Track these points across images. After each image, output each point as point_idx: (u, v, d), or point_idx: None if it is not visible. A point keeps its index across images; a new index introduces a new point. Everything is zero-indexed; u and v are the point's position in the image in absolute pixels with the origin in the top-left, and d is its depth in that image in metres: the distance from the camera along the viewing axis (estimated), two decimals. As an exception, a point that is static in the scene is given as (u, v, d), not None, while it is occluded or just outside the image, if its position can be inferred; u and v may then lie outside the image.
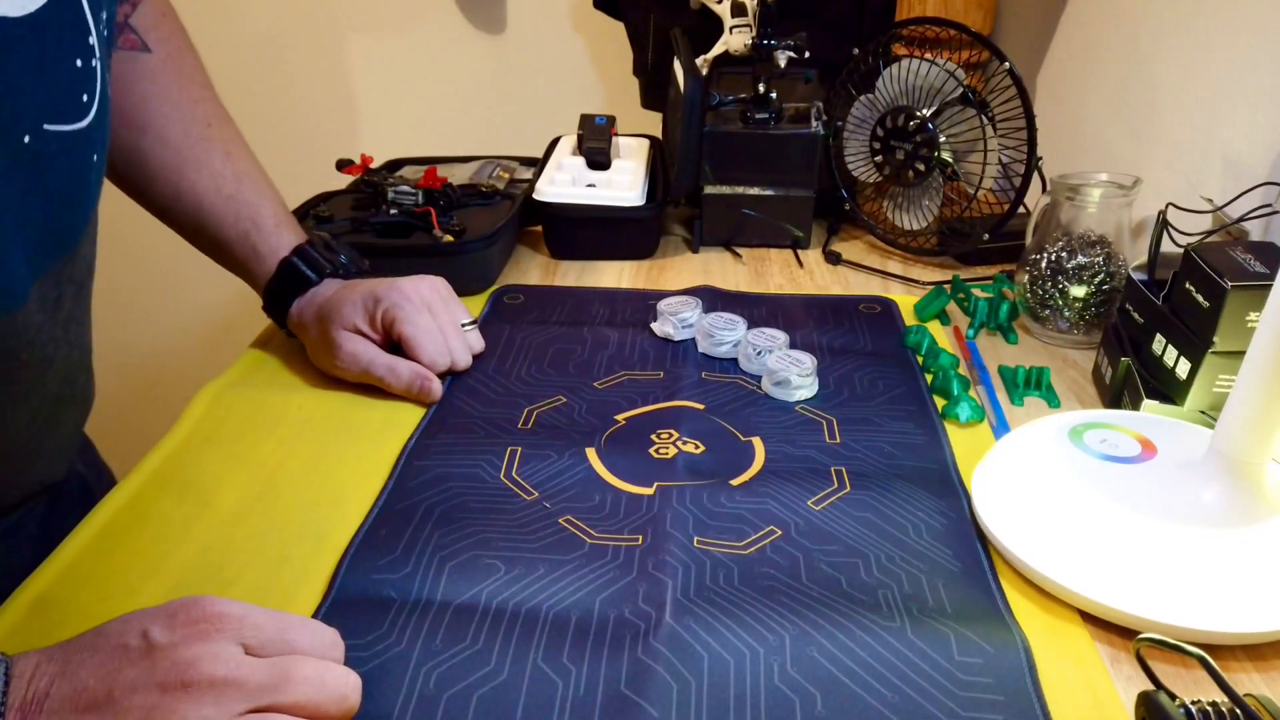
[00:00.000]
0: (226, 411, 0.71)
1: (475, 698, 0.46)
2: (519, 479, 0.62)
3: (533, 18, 1.51)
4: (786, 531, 0.57)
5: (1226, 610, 0.49)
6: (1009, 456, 0.62)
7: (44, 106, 0.46)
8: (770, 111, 0.97)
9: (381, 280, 0.72)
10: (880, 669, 0.47)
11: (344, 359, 0.70)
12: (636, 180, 0.97)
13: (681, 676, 0.47)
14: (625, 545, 0.56)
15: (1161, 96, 0.88)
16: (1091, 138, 1.01)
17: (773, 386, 0.72)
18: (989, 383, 0.74)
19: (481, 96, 1.57)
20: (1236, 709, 0.40)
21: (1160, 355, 0.67)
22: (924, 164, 0.92)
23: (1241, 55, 0.76)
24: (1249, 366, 0.52)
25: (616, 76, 1.45)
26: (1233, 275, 0.61)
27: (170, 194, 0.70)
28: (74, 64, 0.48)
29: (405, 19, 1.53)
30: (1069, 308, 0.79)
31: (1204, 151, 0.81)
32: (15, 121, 0.44)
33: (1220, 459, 0.55)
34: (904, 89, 0.92)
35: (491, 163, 1.06)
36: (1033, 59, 1.12)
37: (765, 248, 1.00)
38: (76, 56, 0.48)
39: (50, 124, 0.46)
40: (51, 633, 0.51)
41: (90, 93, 0.50)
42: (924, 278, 0.93)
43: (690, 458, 0.64)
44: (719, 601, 0.52)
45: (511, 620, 0.50)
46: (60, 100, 0.47)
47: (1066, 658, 0.49)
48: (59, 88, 0.47)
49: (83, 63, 0.48)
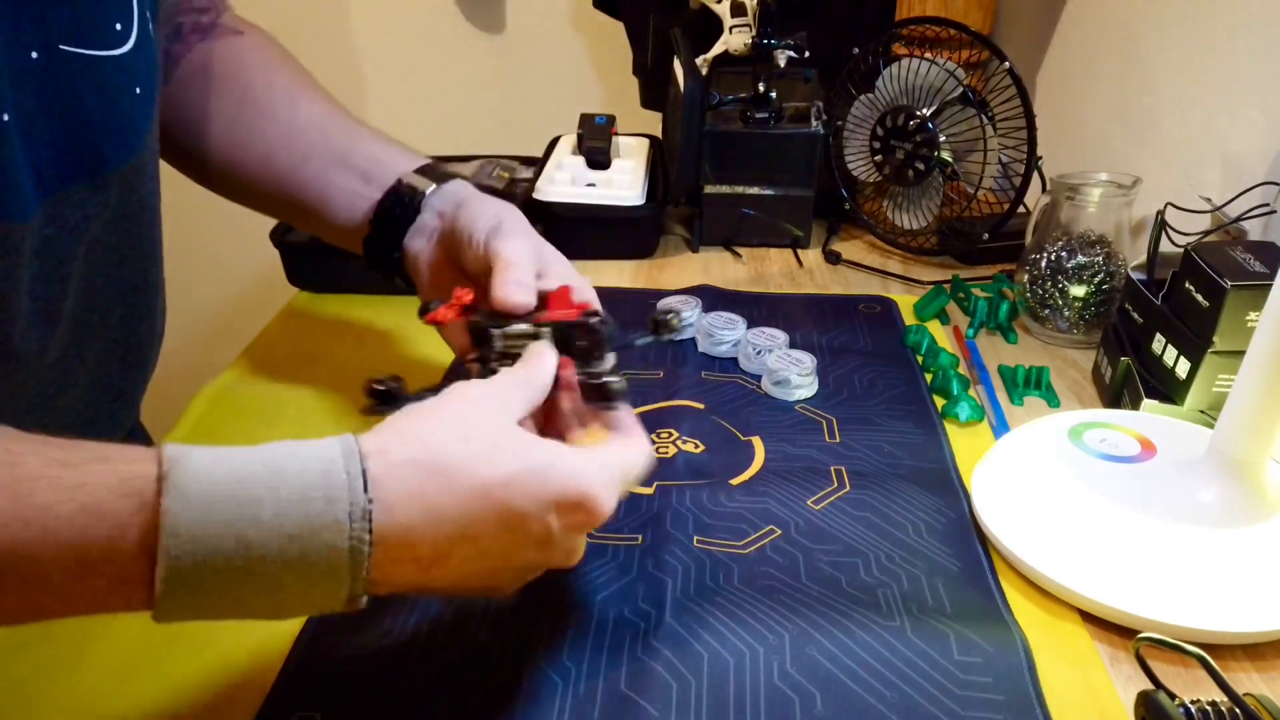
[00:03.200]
0: (226, 411, 0.71)
1: (475, 697, 0.46)
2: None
3: (533, 18, 1.51)
4: (786, 531, 0.57)
5: (1226, 610, 0.49)
6: (1009, 456, 0.62)
7: (60, 28, 0.47)
8: (770, 111, 0.97)
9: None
10: (880, 668, 0.47)
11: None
12: (636, 180, 0.97)
13: (681, 676, 0.47)
14: (625, 545, 0.56)
15: (1161, 96, 0.88)
16: (1091, 138, 1.01)
17: (772, 386, 0.72)
18: (989, 382, 0.74)
19: (481, 96, 1.57)
20: (1236, 709, 0.40)
21: (1160, 355, 0.67)
22: (924, 163, 0.92)
23: (1241, 55, 0.76)
24: (1249, 366, 0.52)
25: (616, 76, 1.45)
26: (1232, 275, 0.61)
27: (285, 123, 0.65)
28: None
29: (405, 19, 1.53)
30: (1069, 307, 0.79)
31: (1203, 151, 0.81)
32: (18, 36, 0.45)
33: (1220, 458, 0.55)
34: (904, 88, 0.92)
35: (491, 162, 1.06)
36: (1033, 59, 1.12)
37: (765, 247, 1.00)
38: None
39: (68, 45, 0.47)
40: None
41: (125, 22, 0.51)
42: (924, 277, 0.93)
43: (690, 457, 0.64)
44: (719, 601, 0.52)
45: (511, 619, 0.50)
46: (81, 24, 0.48)
47: (1066, 657, 0.49)
48: (78, 11, 0.48)
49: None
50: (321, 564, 0.36)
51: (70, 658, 0.49)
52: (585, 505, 0.41)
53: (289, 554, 0.35)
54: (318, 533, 0.36)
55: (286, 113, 0.65)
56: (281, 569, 0.36)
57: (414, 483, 0.38)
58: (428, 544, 0.38)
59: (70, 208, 0.50)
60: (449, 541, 0.39)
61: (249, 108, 0.65)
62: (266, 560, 0.35)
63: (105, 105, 0.50)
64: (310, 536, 0.36)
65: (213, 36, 0.66)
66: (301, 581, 0.36)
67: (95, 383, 0.58)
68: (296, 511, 0.36)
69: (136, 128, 0.53)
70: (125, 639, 0.50)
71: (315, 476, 0.36)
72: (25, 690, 0.48)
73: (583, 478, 0.41)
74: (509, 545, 0.41)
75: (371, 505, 0.37)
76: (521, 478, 0.40)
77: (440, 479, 0.39)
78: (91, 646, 0.50)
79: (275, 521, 0.35)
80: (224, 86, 0.65)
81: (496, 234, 0.55)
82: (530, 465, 0.40)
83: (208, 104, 0.64)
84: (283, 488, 0.36)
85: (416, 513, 0.38)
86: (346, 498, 0.36)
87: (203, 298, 1.74)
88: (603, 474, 0.42)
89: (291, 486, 0.36)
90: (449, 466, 0.39)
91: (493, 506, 0.39)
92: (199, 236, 1.65)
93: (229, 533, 0.35)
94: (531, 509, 0.40)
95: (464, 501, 0.39)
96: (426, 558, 0.39)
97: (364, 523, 0.36)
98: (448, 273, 0.60)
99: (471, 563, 0.40)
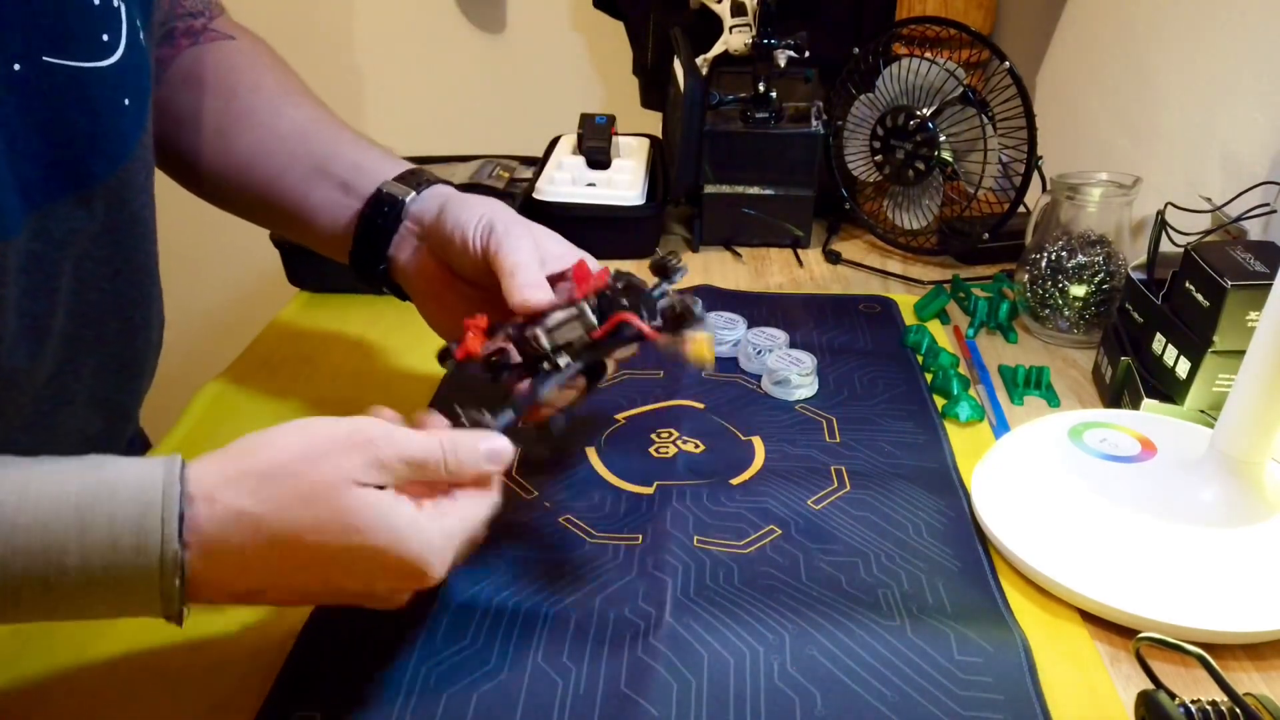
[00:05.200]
0: (226, 412, 0.71)
1: (475, 696, 0.46)
2: (519, 478, 0.62)
3: (533, 17, 1.51)
4: (786, 531, 0.57)
5: (1226, 609, 0.49)
6: (1009, 456, 0.62)
7: (44, 39, 0.46)
8: (770, 111, 0.97)
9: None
10: (880, 668, 0.47)
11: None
12: (636, 179, 0.97)
13: (681, 675, 0.47)
14: (625, 544, 0.56)
15: (1161, 96, 0.88)
16: (1091, 137, 1.01)
17: (773, 386, 0.72)
18: (989, 382, 0.74)
19: (481, 96, 1.57)
20: (1236, 708, 0.40)
21: (1160, 355, 0.67)
22: (924, 163, 0.92)
23: (1241, 55, 0.76)
24: (1249, 366, 0.52)
25: (616, 76, 1.45)
26: (1233, 274, 0.61)
27: (268, 130, 0.64)
28: (88, 1, 0.48)
29: (405, 18, 1.53)
30: (1069, 307, 0.79)
31: (1203, 151, 0.81)
32: (1, 48, 0.45)
33: (1220, 458, 0.55)
34: (904, 88, 0.92)
35: (491, 162, 1.06)
36: (1033, 59, 1.12)
37: (765, 247, 1.00)
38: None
39: (52, 57, 0.47)
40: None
41: (113, 33, 0.50)
42: (924, 277, 0.93)
43: (690, 457, 0.64)
44: (719, 601, 0.52)
45: (511, 619, 0.50)
46: (66, 35, 0.47)
47: (1066, 657, 0.49)
48: (63, 23, 0.47)
49: (101, 1, 0.49)
50: (133, 598, 0.39)
51: (70, 658, 0.49)
52: (424, 575, 0.42)
53: (96, 588, 0.38)
54: (126, 578, 0.38)
55: (270, 119, 0.64)
56: (91, 599, 0.39)
57: (234, 541, 0.40)
58: (240, 586, 0.42)
59: (56, 222, 0.50)
60: (260, 585, 0.42)
61: (233, 114, 0.64)
62: (74, 594, 0.38)
63: (91, 117, 0.50)
64: (118, 581, 0.38)
65: (202, 41, 0.65)
66: (112, 607, 0.39)
67: (92, 398, 0.58)
68: (102, 560, 0.38)
69: (125, 139, 0.52)
70: (125, 639, 0.50)
71: (128, 522, 0.38)
72: (25, 690, 0.48)
73: (423, 549, 0.42)
74: (328, 594, 0.44)
75: (185, 553, 0.39)
76: (349, 553, 0.41)
77: (263, 538, 0.40)
78: (92, 646, 0.50)
79: (81, 566, 0.38)
80: (210, 92, 0.64)
81: (491, 236, 0.54)
82: (368, 539, 0.41)
83: (194, 110, 0.63)
84: (88, 535, 0.38)
85: (231, 567, 0.41)
86: (158, 551, 0.38)
87: (203, 298, 1.74)
88: (438, 541, 0.43)
89: (99, 535, 0.38)
90: (275, 533, 0.40)
91: (317, 571, 0.42)
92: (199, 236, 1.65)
93: (32, 576, 0.37)
94: (357, 580, 0.43)
95: (284, 559, 0.41)
96: (240, 593, 0.42)
97: (175, 572, 0.39)
98: (439, 278, 0.59)
99: (288, 595, 0.44)
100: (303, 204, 0.63)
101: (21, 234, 0.47)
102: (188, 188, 0.67)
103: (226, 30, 0.67)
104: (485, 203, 0.58)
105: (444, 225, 0.57)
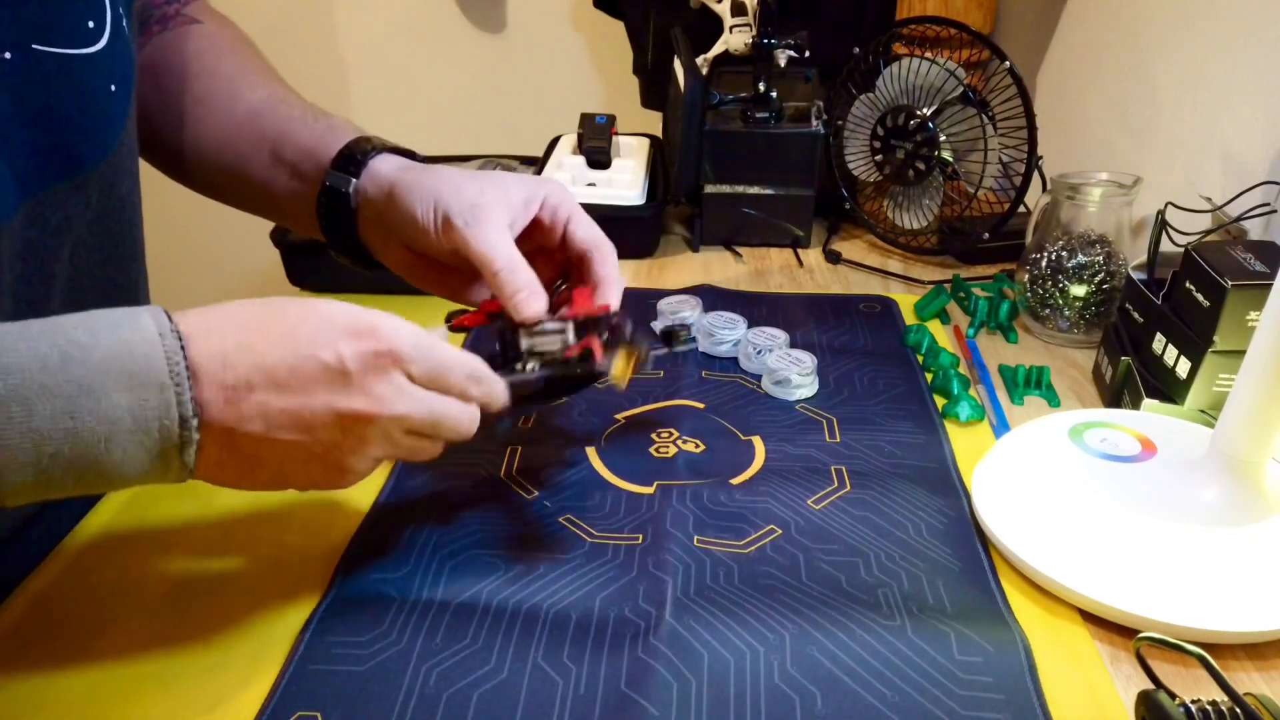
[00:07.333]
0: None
1: (476, 696, 0.46)
2: (519, 478, 0.62)
3: (533, 17, 1.51)
4: (786, 530, 0.57)
5: (1226, 609, 0.49)
6: (1009, 456, 0.62)
7: (32, 27, 0.47)
8: (770, 111, 0.97)
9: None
10: (880, 668, 0.47)
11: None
12: (636, 179, 0.97)
13: (681, 675, 0.47)
14: (625, 544, 0.56)
15: (1161, 96, 0.88)
16: (1091, 137, 1.01)
17: (773, 385, 0.72)
18: (989, 382, 0.74)
19: (481, 96, 1.57)
20: (1236, 708, 0.40)
21: (1160, 354, 0.67)
22: (924, 163, 0.92)
23: (1241, 55, 0.76)
24: (1249, 366, 0.52)
25: (616, 76, 1.45)
26: (1233, 274, 0.61)
27: (227, 116, 0.63)
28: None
29: (405, 19, 1.53)
30: (1069, 307, 0.79)
31: (1204, 151, 0.81)
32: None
33: (1220, 458, 0.55)
34: (904, 88, 0.92)
35: (491, 162, 1.06)
36: (1033, 59, 1.12)
37: (765, 247, 1.00)
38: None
39: (41, 45, 0.47)
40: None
41: (98, 20, 0.51)
42: (924, 277, 0.93)
43: (690, 456, 0.64)
44: (719, 600, 0.52)
45: (512, 619, 0.50)
46: (53, 23, 0.48)
47: (1066, 657, 0.49)
48: (50, 10, 0.48)
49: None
50: (138, 364, 0.40)
51: (70, 657, 0.49)
52: (375, 334, 0.43)
53: (109, 366, 0.40)
54: (129, 341, 0.40)
55: (228, 104, 0.62)
56: (105, 382, 0.39)
57: (221, 326, 0.43)
58: (233, 350, 0.42)
59: (51, 208, 0.50)
60: (249, 371, 0.42)
61: (193, 100, 0.63)
62: (88, 378, 0.39)
63: (80, 104, 0.50)
64: (127, 345, 0.40)
65: (171, 26, 0.65)
66: (122, 387, 0.40)
67: None
68: (109, 335, 0.40)
69: (112, 125, 0.53)
70: (125, 639, 0.50)
71: (125, 315, 0.41)
72: (25, 690, 0.48)
73: (374, 316, 0.44)
74: (307, 380, 0.43)
75: (179, 325, 0.41)
76: (315, 314, 0.44)
77: (246, 313, 0.44)
78: (92, 646, 0.50)
79: (90, 343, 0.40)
80: (174, 78, 0.63)
81: (451, 230, 0.53)
82: (326, 308, 0.44)
83: (160, 97, 0.63)
84: (94, 320, 0.41)
85: (223, 334, 0.43)
86: (154, 327, 0.41)
87: (203, 298, 1.73)
88: (405, 327, 0.44)
89: (101, 322, 0.41)
90: (257, 311, 0.44)
91: (290, 341, 0.43)
92: (199, 236, 1.66)
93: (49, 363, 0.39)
94: (323, 337, 0.43)
95: (264, 329, 0.43)
96: (230, 385, 0.42)
97: (174, 335, 0.41)
98: (414, 259, 0.58)
99: (275, 398, 0.43)
100: (270, 192, 0.62)
101: (16, 220, 0.48)
102: (173, 176, 0.67)
103: (194, 15, 0.66)
104: (431, 182, 0.55)
105: (396, 214, 0.56)
